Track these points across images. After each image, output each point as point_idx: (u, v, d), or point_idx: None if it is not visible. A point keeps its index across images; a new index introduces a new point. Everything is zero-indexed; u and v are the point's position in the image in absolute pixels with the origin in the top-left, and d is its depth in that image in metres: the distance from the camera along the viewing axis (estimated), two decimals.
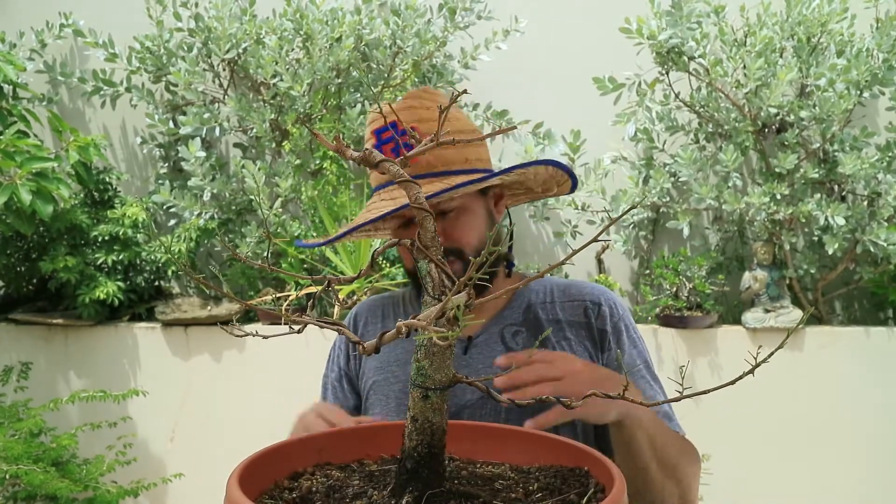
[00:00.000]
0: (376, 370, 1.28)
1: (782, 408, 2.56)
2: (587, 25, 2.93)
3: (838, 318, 2.82)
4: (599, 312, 1.25)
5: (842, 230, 2.45)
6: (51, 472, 2.23)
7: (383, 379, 1.27)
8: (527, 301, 1.27)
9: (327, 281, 0.79)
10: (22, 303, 2.92)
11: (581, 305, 1.26)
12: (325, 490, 0.77)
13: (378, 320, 1.35)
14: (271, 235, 2.77)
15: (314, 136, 1.35)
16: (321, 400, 1.38)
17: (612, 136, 2.77)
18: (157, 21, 2.85)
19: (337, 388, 1.34)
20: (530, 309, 1.26)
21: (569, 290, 1.29)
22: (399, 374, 1.25)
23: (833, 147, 2.55)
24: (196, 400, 2.77)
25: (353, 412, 1.32)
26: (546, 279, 1.33)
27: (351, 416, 1.11)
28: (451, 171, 1.15)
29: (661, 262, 2.73)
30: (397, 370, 1.25)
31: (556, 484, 0.79)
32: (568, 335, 1.22)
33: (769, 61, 2.45)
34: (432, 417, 0.74)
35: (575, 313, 1.25)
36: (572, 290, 1.28)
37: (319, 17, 2.70)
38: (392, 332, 0.68)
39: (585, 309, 1.25)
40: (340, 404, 1.32)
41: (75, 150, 2.59)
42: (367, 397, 1.29)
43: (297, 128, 2.73)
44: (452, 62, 2.86)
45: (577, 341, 1.22)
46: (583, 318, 1.24)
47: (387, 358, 1.27)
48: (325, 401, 1.36)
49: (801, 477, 2.57)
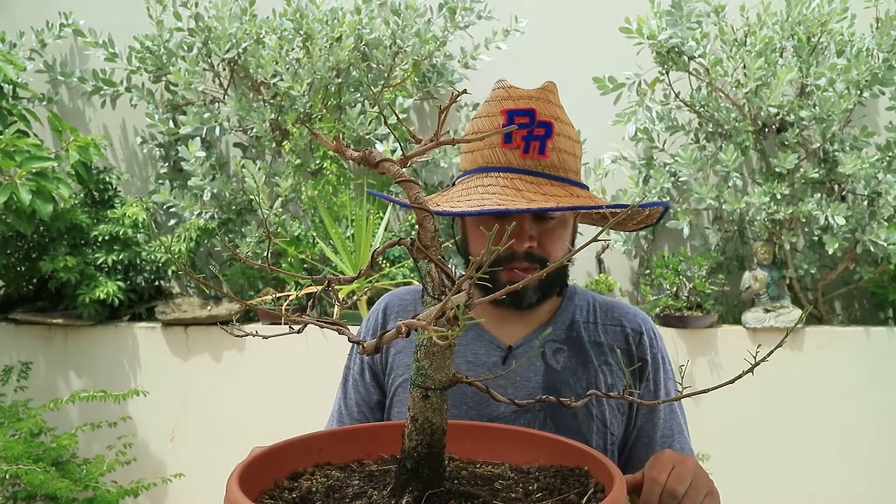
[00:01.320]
0: (407, 368, 1.25)
1: (782, 407, 2.56)
2: (587, 25, 2.93)
3: (838, 317, 2.82)
4: (640, 342, 1.25)
5: (842, 230, 2.45)
6: (51, 472, 2.23)
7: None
8: (571, 317, 1.26)
9: (327, 281, 0.79)
10: (22, 303, 2.92)
11: (623, 332, 1.26)
12: (324, 490, 0.77)
13: (408, 316, 1.31)
14: (271, 235, 2.77)
15: (314, 136, 1.34)
16: (340, 391, 1.35)
17: (613, 135, 2.77)
18: (157, 21, 2.84)
19: (359, 381, 1.31)
20: (573, 327, 1.25)
21: (611, 311, 1.28)
22: None
23: (833, 147, 2.55)
24: (196, 400, 2.77)
25: (376, 408, 1.30)
26: (589, 294, 1.32)
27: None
28: (571, 180, 1.14)
29: (661, 261, 2.73)
30: None
31: (555, 484, 0.79)
32: (609, 360, 1.22)
33: (769, 61, 2.44)
34: (432, 417, 0.74)
35: (616, 339, 1.25)
36: (615, 314, 1.28)
37: (319, 16, 2.70)
38: (392, 332, 0.68)
39: (627, 336, 1.25)
40: (362, 398, 1.30)
41: (75, 149, 2.59)
42: (394, 394, 1.26)
43: (297, 127, 2.73)
44: (452, 62, 2.86)
45: (618, 367, 1.22)
46: (624, 344, 1.25)
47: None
48: (346, 392, 1.33)
49: (800, 476, 2.57)
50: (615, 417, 1.20)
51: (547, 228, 1.16)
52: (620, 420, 1.21)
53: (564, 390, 1.18)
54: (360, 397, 1.30)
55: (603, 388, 1.19)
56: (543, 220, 1.16)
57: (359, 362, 1.32)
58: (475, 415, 1.17)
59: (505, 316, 1.24)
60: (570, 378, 1.19)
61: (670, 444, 1.22)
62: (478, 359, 1.21)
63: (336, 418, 1.33)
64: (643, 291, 2.79)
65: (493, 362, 1.21)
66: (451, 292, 0.67)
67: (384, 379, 1.29)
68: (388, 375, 1.28)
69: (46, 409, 2.47)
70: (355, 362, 1.33)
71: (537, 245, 1.15)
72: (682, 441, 1.24)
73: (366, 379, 1.30)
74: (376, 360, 1.30)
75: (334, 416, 1.34)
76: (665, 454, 1.00)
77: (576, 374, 1.20)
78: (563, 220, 1.19)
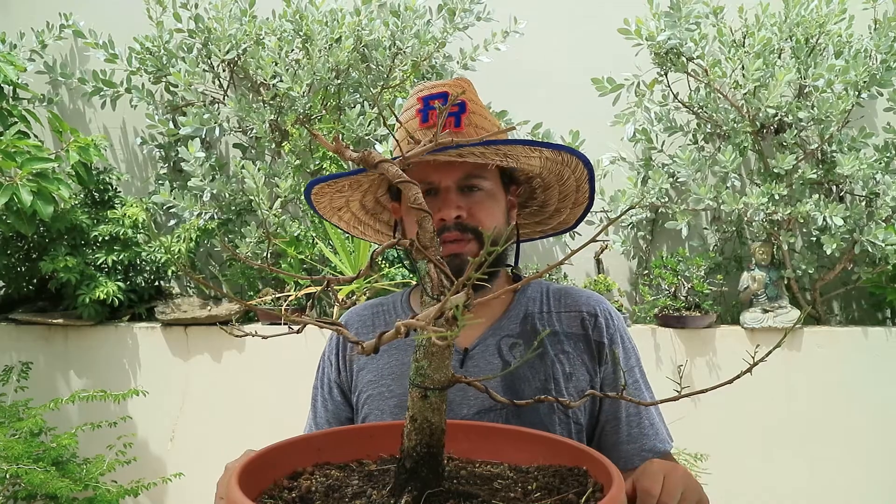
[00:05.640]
0: (370, 384, 1.24)
1: (780, 407, 2.56)
2: (586, 26, 2.93)
3: (836, 318, 2.83)
4: (596, 324, 1.22)
5: (840, 230, 2.45)
6: (51, 472, 2.23)
7: (378, 393, 1.23)
8: (524, 310, 1.24)
9: (326, 281, 0.80)
10: (22, 303, 2.92)
11: (578, 316, 1.23)
12: (324, 490, 0.77)
13: (369, 331, 1.30)
14: (271, 236, 2.77)
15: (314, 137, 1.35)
16: (310, 411, 1.34)
17: (611, 136, 2.77)
18: (157, 22, 2.85)
19: (328, 400, 1.31)
20: (527, 319, 1.23)
21: (564, 298, 1.26)
22: (394, 388, 1.20)
23: (831, 147, 2.56)
24: (196, 400, 2.77)
25: (347, 423, 1.29)
26: (540, 283, 1.31)
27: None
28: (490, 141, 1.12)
29: (659, 262, 2.73)
30: (392, 384, 1.21)
31: (554, 483, 0.79)
32: (566, 348, 1.20)
33: (768, 62, 2.45)
34: (431, 417, 0.75)
35: (572, 325, 1.23)
36: (568, 300, 1.26)
37: (319, 18, 2.71)
38: (391, 332, 0.68)
39: (582, 320, 1.23)
40: (332, 415, 1.29)
41: (75, 150, 2.59)
42: (359, 410, 1.26)
43: (297, 128, 2.73)
44: (452, 63, 2.87)
45: (576, 354, 1.20)
46: (580, 329, 1.22)
47: (380, 371, 1.23)
48: (315, 412, 1.32)
49: (798, 476, 2.57)
50: (579, 407, 1.18)
51: (475, 200, 1.16)
52: (585, 408, 1.19)
53: (523, 385, 1.16)
54: (331, 415, 1.30)
55: (561, 378, 1.17)
56: (471, 192, 1.16)
57: (326, 382, 1.32)
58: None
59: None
60: (528, 372, 1.17)
61: (638, 423, 1.20)
62: None
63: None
64: (642, 292, 2.79)
65: (452, 367, 1.20)
66: (450, 292, 0.67)
67: (351, 395, 1.29)
68: (353, 392, 1.28)
69: (47, 409, 2.47)
70: (323, 382, 1.33)
71: (467, 215, 1.14)
72: (649, 417, 1.22)
73: (335, 396, 1.30)
74: (343, 379, 1.30)
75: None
76: (654, 464, 0.98)
77: (533, 367, 1.17)
78: (490, 194, 1.18)
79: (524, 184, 1.28)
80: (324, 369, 1.34)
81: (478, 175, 1.16)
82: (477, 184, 1.16)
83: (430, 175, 1.14)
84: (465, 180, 1.15)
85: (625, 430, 1.19)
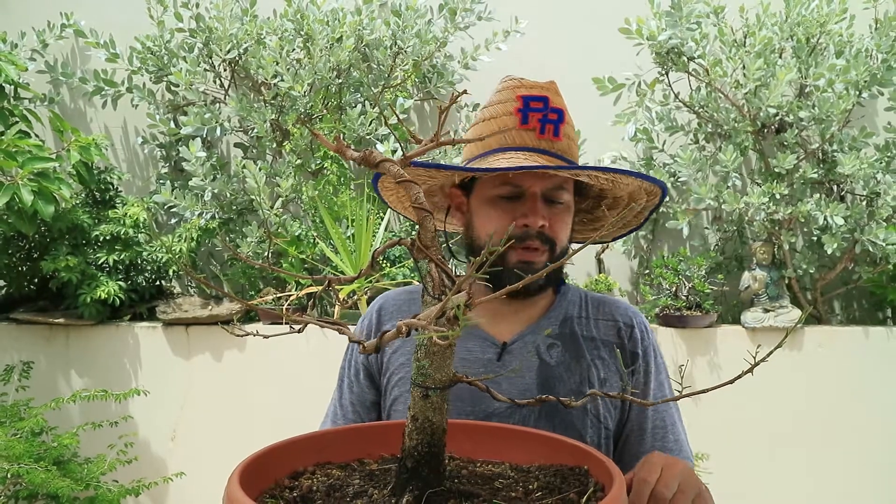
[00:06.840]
0: (402, 367, 1.26)
1: (781, 407, 2.56)
2: (587, 26, 2.93)
3: (837, 317, 2.83)
4: (632, 335, 1.26)
5: (840, 230, 2.45)
6: (52, 471, 2.23)
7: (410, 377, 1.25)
8: (564, 313, 1.28)
9: (328, 281, 0.80)
10: (23, 302, 2.92)
11: (615, 325, 1.27)
12: (325, 489, 0.77)
13: (403, 316, 1.30)
14: (272, 235, 2.77)
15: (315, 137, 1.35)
16: (336, 391, 1.35)
17: (612, 136, 2.77)
18: (158, 21, 2.85)
19: (354, 382, 1.32)
20: (567, 322, 1.26)
21: (603, 306, 1.30)
22: None
23: (832, 147, 2.56)
24: (197, 399, 2.77)
25: (371, 408, 1.30)
26: (580, 290, 1.34)
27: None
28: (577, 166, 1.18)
29: (660, 261, 2.73)
30: None
31: (555, 483, 0.79)
32: (602, 355, 1.23)
33: (768, 62, 2.45)
34: (432, 416, 0.75)
35: (609, 333, 1.26)
36: (606, 308, 1.29)
37: (320, 17, 2.71)
38: (392, 332, 0.68)
39: (619, 329, 1.27)
40: (357, 398, 1.31)
41: (76, 150, 2.59)
42: (388, 392, 1.27)
43: (298, 128, 2.73)
44: (453, 63, 2.87)
45: (611, 361, 1.23)
46: (616, 338, 1.26)
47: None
48: (341, 393, 1.34)
49: (800, 475, 2.57)
50: (609, 412, 1.21)
51: (556, 212, 1.19)
52: (614, 414, 1.22)
53: (558, 385, 1.18)
54: (355, 397, 1.31)
55: (596, 382, 1.20)
56: (553, 204, 1.19)
57: (354, 363, 1.33)
58: (470, 411, 1.17)
59: (499, 312, 1.25)
60: (564, 373, 1.20)
61: (663, 437, 1.23)
62: (472, 356, 1.22)
63: (331, 418, 1.34)
64: (643, 291, 2.79)
65: (487, 359, 1.21)
66: (451, 292, 0.67)
67: (380, 379, 1.30)
68: (384, 375, 1.29)
69: (48, 409, 2.47)
70: (350, 363, 1.34)
71: (548, 226, 1.16)
72: (675, 433, 1.24)
73: (360, 380, 1.31)
74: (371, 361, 1.31)
75: (329, 415, 1.35)
76: (655, 456, 1.00)
77: (569, 369, 1.20)
78: (569, 207, 1.21)
79: (593, 199, 1.32)
80: (353, 351, 1.35)
81: (563, 187, 1.19)
82: (560, 196, 1.19)
83: (521, 179, 1.16)
84: (551, 191, 1.18)
85: (649, 442, 1.22)
